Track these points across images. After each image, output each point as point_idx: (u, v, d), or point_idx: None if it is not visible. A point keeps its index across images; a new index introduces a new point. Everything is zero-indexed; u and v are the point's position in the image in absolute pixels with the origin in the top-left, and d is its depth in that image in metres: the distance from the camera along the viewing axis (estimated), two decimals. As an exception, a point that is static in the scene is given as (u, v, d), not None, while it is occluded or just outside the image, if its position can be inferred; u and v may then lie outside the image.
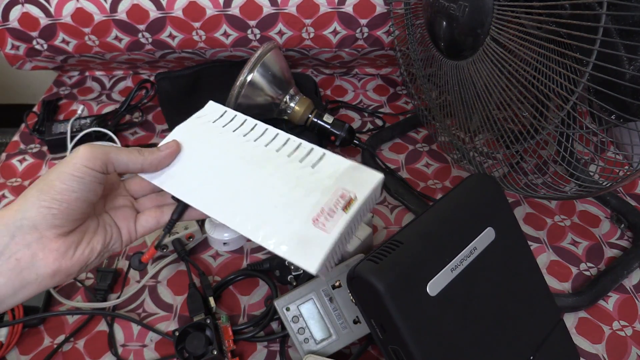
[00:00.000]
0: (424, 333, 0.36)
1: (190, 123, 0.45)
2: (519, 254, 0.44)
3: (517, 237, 0.44)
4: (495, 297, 0.41)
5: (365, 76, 0.92)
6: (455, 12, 0.55)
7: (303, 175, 0.39)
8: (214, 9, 0.77)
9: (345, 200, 0.36)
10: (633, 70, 0.43)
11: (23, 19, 0.78)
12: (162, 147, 0.40)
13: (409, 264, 0.37)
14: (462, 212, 0.41)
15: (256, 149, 0.41)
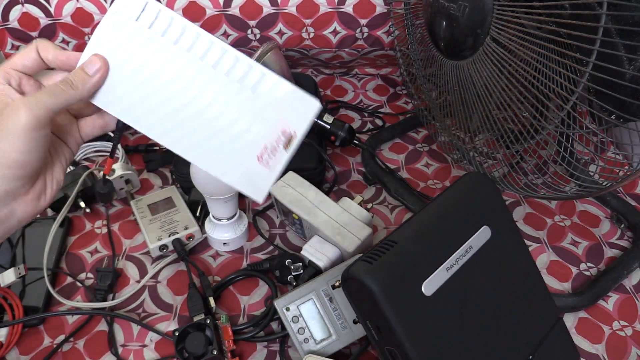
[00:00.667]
0: (420, 334, 0.36)
1: (109, 23, 0.38)
2: (516, 253, 0.44)
3: (514, 236, 0.44)
4: (492, 296, 0.40)
5: (365, 76, 0.92)
6: (455, 12, 0.55)
7: (244, 102, 0.38)
8: (214, 9, 0.77)
9: (286, 137, 0.39)
10: (633, 70, 0.43)
11: (23, 19, 0.78)
12: (90, 70, 0.37)
13: (404, 264, 0.37)
14: (457, 211, 0.41)
15: (191, 63, 0.38)
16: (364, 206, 0.59)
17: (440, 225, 0.40)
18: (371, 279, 0.35)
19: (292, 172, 0.60)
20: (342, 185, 0.71)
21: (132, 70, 0.38)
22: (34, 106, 0.33)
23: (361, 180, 0.72)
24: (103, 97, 0.38)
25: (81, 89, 0.36)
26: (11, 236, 0.62)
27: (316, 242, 0.55)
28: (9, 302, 0.55)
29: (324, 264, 0.54)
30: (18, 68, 0.37)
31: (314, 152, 0.69)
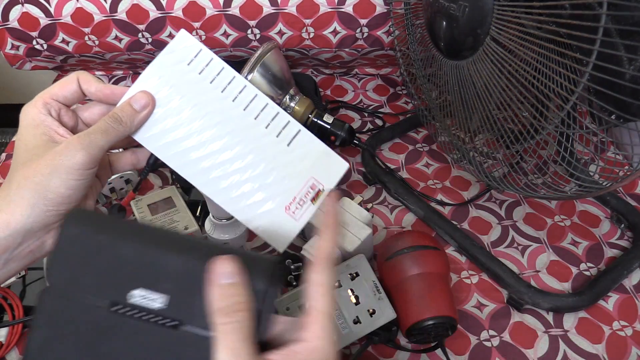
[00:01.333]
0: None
1: (163, 62, 0.39)
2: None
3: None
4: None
5: (365, 76, 0.92)
6: (455, 12, 0.55)
7: (279, 154, 0.39)
8: (214, 9, 0.77)
9: (314, 192, 0.40)
10: (633, 70, 0.43)
11: (23, 19, 0.78)
12: (137, 106, 0.37)
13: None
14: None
15: (235, 112, 0.39)
16: (364, 206, 0.59)
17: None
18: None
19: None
20: (342, 185, 0.71)
21: (175, 110, 0.39)
22: (89, 147, 0.34)
23: (361, 180, 0.72)
24: (144, 132, 0.38)
25: (129, 125, 0.36)
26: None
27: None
28: (9, 302, 0.55)
29: (324, 264, 0.53)
30: (59, 99, 0.38)
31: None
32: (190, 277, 0.29)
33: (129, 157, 0.42)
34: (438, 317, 0.50)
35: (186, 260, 0.29)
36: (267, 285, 0.29)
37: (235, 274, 0.29)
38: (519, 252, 0.62)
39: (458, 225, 0.65)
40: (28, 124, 0.37)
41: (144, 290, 0.29)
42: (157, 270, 0.29)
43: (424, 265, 0.52)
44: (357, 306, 0.51)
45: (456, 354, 0.53)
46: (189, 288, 0.29)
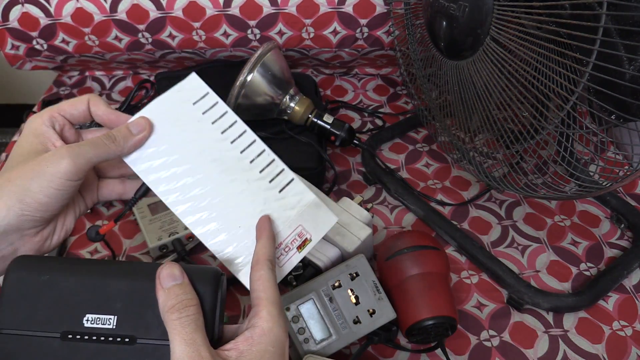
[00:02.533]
0: None
1: (169, 98, 0.40)
2: None
3: None
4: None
5: (365, 76, 0.92)
6: (455, 12, 0.55)
7: (270, 199, 0.40)
8: (214, 9, 0.77)
9: (301, 240, 0.40)
10: (633, 70, 0.43)
11: (23, 19, 0.78)
12: (134, 129, 0.38)
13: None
14: None
15: (231, 153, 0.40)
16: (364, 206, 0.59)
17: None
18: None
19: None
20: (342, 185, 0.71)
21: (173, 142, 0.39)
22: (76, 156, 0.34)
23: (361, 180, 0.72)
24: (136, 157, 0.39)
25: (122, 145, 0.37)
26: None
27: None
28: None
29: (324, 264, 0.53)
30: (66, 115, 0.38)
31: (314, 152, 0.69)
32: (136, 295, 0.31)
33: (117, 186, 0.42)
34: (438, 317, 0.50)
35: (128, 281, 0.32)
36: (212, 289, 0.32)
37: (179, 276, 0.32)
38: (519, 252, 0.62)
39: (458, 225, 0.65)
40: (29, 132, 0.37)
41: (92, 314, 0.31)
42: (102, 295, 0.31)
43: (424, 265, 0.52)
44: (357, 306, 0.51)
45: (456, 354, 0.53)
46: (136, 305, 0.31)
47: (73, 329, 0.30)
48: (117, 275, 0.32)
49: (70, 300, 0.31)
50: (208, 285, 0.32)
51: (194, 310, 0.31)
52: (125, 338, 0.31)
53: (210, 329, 0.31)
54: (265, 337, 0.32)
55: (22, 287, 0.31)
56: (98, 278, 0.32)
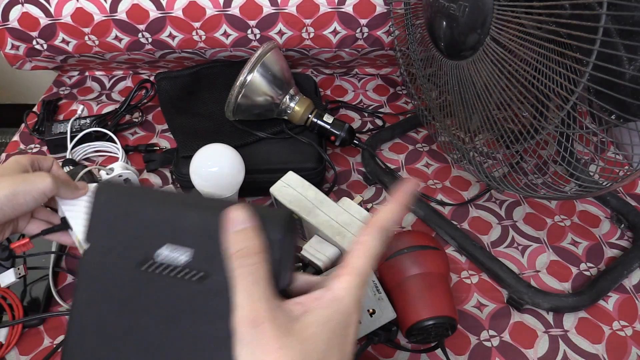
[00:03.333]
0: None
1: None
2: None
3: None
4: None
5: (365, 76, 0.92)
6: (455, 12, 0.55)
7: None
8: (214, 9, 0.77)
9: None
10: (633, 70, 0.43)
11: (23, 19, 0.78)
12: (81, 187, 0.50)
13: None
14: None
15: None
16: (364, 206, 0.59)
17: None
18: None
19: (292, 172, 0.60)
20: (342, 185, 0.71)
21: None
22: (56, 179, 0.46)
23: (361, 180, 0.72)
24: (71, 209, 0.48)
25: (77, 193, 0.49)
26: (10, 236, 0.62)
27: (316, 242, 0.55)
28: (8, 302, 0.55)
29: (324, 264, 0.53)
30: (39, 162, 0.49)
31: (314, 152, 0.69)
32: (211, 232, 0.30)
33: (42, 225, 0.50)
34: (438, 317, 0.50)
35: (207, 216, 0.31)
36: (283, 234, 0.30)
37: (247, 220, 0.30)
38: (519, 252, 0.62)
39: (458, 225, 0.65)
40: (13, 160, 0.47)
41: (169, 246, 0.31)
42: (180, 227, 0.31)
43: (424, 265, 0.52)
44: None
45: (456, 354, 0.53)
46: (212, 241, 0.30)
47: (149, 258, 0.31)
48: (198, 209, 0.31)
49: (150, 230, 0.31)
50: (277, 230, 0.30)
51: (258, 259, 0.29)
52: (199, 273, 0.30)
53: (278, 277, 0.30)
54: (335, 303, 0.30)
55: (106, 212, 0.32)
56: (179, 210, 0.31)
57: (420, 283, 0.51)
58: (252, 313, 0.28)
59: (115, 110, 0.79)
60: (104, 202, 0.32)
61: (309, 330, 0.28)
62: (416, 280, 0.52)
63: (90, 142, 0.75)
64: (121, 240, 0.32)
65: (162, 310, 0.31)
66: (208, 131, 0.72)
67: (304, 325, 0.28)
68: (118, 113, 0.78)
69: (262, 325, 0.28)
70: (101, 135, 0.75)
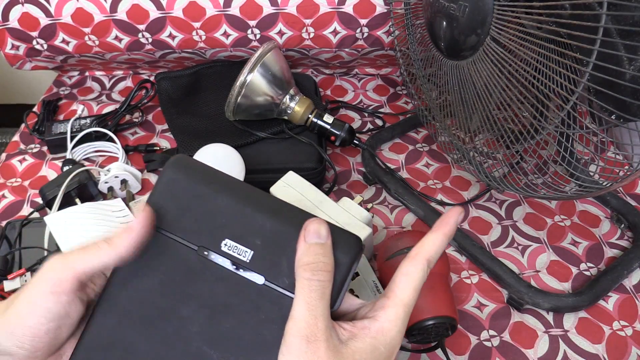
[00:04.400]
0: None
1: None
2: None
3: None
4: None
5: (365, 76, 0.92)
6: (455, 12, 0.55)
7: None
8: (214, 9, 0.77)
9: None
10: (633, 70, 0.43)
11: (23, 19, 0.78)
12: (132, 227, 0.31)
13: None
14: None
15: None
16: (364, 206, 0.59)
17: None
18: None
19: (292, 172, 0.60)
20: (342, 185, 0.71)
21: None
22: (61, 268, 0.29)
23: (361, 180, 0.72)
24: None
25: (119, 245, 0.30)
26: (10, 236, 0.62)
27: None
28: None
29: (324, 264, 0.53)
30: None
31: (314, 152, 0.69)
32: (278, 238, 0.30)
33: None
34: (438, 317, 0.50)
35: (277, 222, 0.31)
36: (351, 260, 0.31)
37: (324, 236, 0.30)
38: (519, 252, 0.62)
39: (458, 225, 0.65)
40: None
41: (232, 241, 0.30)
42: (248, 226, 0.30)
43: (424, 265, 0.52)
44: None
45: (456, 354, 0.53)
46: (276, 248, 0.30)
47: (211, 247, 0.30)
48: (268, 211, 0.31)
49: (216, 219, 0.31)
50: (348, 254, 0.30)
51: (326, 277, 0.29)
52: (254, 275, 0.30)
53: (334, 298, 0.30)
54: (381, 335, 0.30)
55: (177, 189, 0.31)
56: (249, 207, 0.31)
57: (420, 283, 0.51)
58: (309, 328, 0.28)
59: (116, 110, 0.79)
60: (174, 177, 0.31)
61: (356, 357, 0.29)
62: (416, 280, 0.52)
63: (91, 142, 0.75)
64: (184, 220, 0.31)
65: (210, 300, 0.30)
66: (208, 131, 0.72)
67: (351, 351, 0.29)
68: (118, 113, 0.78)
69: (316, 342, 0.28)
70: (101, 135, 0.75)
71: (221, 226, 0.31)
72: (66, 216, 0.58)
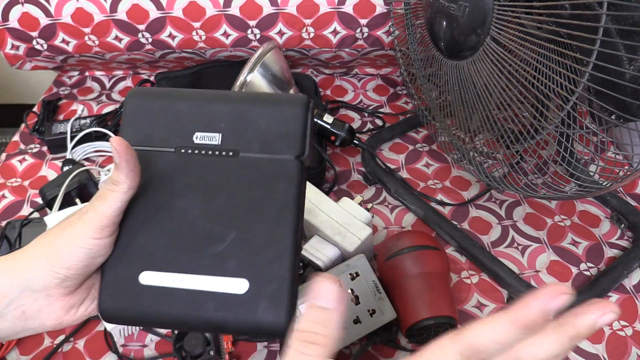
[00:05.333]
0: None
1: None
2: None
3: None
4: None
5: (365, 76, 0.92)
6: (455, 12, 0.55)
7: None
8: (214, 9, 0.77)
9: None
10: (633, 70, 0.43)
11: (23, 19, 0.78)
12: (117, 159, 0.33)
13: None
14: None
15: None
16: (364, 206, 0.59)
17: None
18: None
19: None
20: (342, 185, 0.71)
21: None
22: (102, 217, 0.32)
23: (361, 180, 0.72)
24: None
25: (122, 180, 0.32)
26: (10, 236, 0.62)
27: (316, 242, 0.55)
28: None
29: (324, 264, 0.53)
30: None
31: (314, 152, 0.69)
32: (236, 116, 0.34)
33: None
34: (438, 317, 0.50)
35: (231, 105, 0.35)
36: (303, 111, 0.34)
37: (333, 302, 0.28)
38: (519, 252, 0.62)
39: (458, 225, 0.65)
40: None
41: (201, 132, 0.35)
42: (209, 116, 0.35)
43: (424, 265, 0.52)
44: (357, 306, 0.51)
45: (456, 354, 0.53)
46: (238, 125, 0.34)
47: (185, 144, 0.34)
48: (222, 100, 0.35)
49: (181, 122, 0.35)
50: (299, 105, 0.34)
51: (318, 352, 0.27)
52: (230, 152, 0.34)
53: (302, 149, 0.34)
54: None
55: (140, 111, 0.35)
56: (204, 103, 0.35)
57: (420, 283, 0.52)
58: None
59: (116, 110, 0.79)
60: (135, 104, 0.35)
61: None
62: (416, 280, 0.52)
63: (90, 142, 0.75)
64: (157, 132, 0.35)
65: (199, 186, 0.34)
66: (208, 131, 0.72)
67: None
68: (118, 113, 0.78)
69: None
70: (101, 135, 0.75)
71: (187, 125, 0.35)
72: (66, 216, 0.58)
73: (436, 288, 0.51)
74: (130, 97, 0.36)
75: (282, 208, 0.33)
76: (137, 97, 0.36)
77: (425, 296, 0.51)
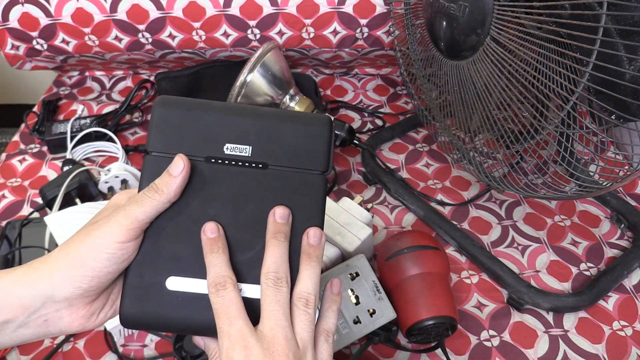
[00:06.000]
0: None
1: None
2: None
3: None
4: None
5: (365, 76, 0.92)
6: (455, 12, 0.55)
7: None
8: (214, 9, 0.77)
9: None
10: (633, 70, 0.43)
11: (23, 19, 0.78)
12: (174, 171, 0.34)
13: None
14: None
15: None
16: (364, 206, 0.59)
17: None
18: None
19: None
20: (342, 185, 0.71)
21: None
22: (127, 220, 0.33)
23: (361, 180, 0.72)
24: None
25: (166, 191, 0.34)
26: (10, 236, 0.62)
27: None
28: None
29: (324, 264, 0.53)
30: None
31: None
32: (267, 131, 0.36)
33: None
34: (438, 317, 0.50)
35: (261, 119, 0.36)
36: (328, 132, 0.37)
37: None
38: (519, 252, 0.62)
39: (458, 225, 0.65)
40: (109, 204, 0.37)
41: (231, 144, 0.36)
42: (239, 128, 0.36)
43: (424, 265, 0.52)
44: (357, 306, 0.51)
45: (456, 354, 0.53)
46: (268, 139, 0.36)
47: (216, 154, 0.35)
48: (251, 113, 0.36)
49: (211, 132, 0.35)
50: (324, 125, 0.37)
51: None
52: (260, 164, 0.35)
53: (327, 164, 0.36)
54: None
55: (168, 119, 0.36)
56: (234, 115, 0.36)
57: (420, 283, 0.52)
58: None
59: (116, 110, 0.79)
60: (163, 112, 0.36)
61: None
62: (416, 280, 0.52)
63: (91, 142, 0.75)
64: (188, 142, 0.35)
65: (229, 195, 0.35)
66: (208, 131, 0.72)
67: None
68: (118, 113, 0.78)
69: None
70: (101, 135, 0.75)
71: (218, 136, 0.35)
72: (66, 216, 0.58)
73: (436, 288, 0.51)
74: (159, 105, 0.36)
75: (308, 219, 0.35)
76: (166, 106, 0.36)
77: (425, 296, 0.51)
